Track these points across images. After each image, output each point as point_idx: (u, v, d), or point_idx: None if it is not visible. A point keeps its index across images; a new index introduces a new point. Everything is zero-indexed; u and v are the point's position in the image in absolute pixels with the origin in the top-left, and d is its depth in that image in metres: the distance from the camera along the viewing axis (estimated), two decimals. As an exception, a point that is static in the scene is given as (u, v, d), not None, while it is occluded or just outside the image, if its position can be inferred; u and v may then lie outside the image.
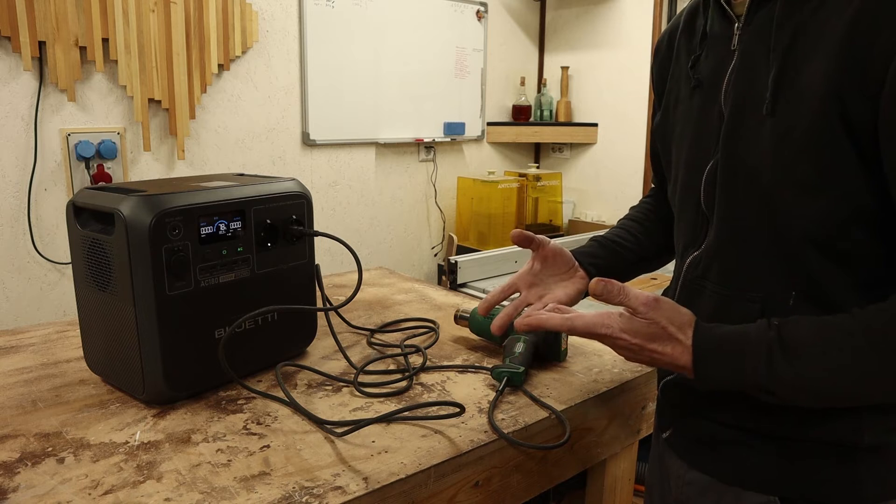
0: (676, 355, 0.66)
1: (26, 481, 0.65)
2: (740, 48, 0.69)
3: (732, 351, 0.64)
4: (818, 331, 0.61)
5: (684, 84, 0.78)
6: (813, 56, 0.61)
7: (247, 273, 0.86)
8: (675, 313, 0.67)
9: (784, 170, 0.63)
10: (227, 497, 0.62)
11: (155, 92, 2.17)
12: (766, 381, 0.62)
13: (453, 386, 0.88)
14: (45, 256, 2.07)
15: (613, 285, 0.68)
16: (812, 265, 0.64)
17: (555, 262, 0.91)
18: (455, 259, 2.01)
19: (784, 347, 0.61)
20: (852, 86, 0.58)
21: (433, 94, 2.97)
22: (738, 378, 0.64)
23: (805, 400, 0.63)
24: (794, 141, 0.62)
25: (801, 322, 0.62)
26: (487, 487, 0.75)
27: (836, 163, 0.60)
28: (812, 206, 0.62)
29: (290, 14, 2.48)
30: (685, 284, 0.77)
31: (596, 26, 3.09)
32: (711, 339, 0.65)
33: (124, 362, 0.81)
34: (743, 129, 0.67)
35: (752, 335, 0.63)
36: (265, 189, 0.88)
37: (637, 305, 0.67)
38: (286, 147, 2.57)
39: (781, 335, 0.62)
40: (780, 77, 0.63)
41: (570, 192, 3.26)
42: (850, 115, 0.58)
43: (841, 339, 0.60)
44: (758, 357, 0.62)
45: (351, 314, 1.18)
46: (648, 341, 0.67)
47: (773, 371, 0.61)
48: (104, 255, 0.79)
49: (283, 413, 0.80)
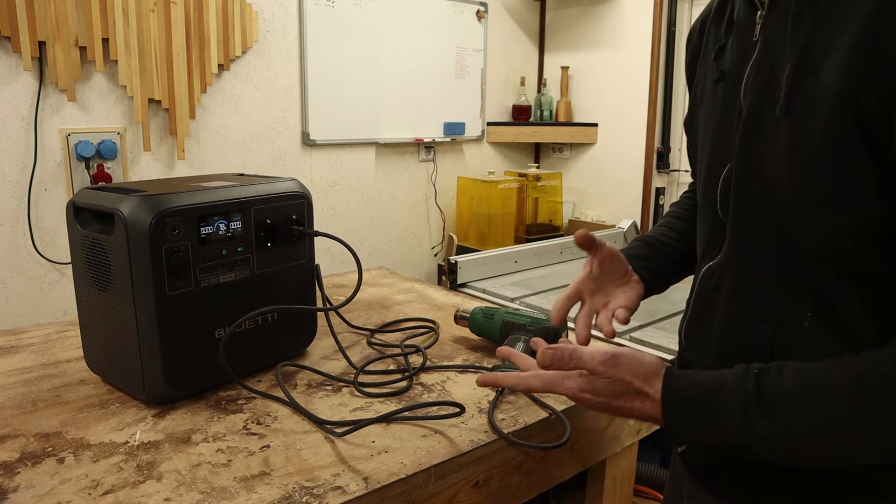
0: (646, 409, 0.63)
1: (26, 481, 0.65)
2: (762, 39, 0.63)
3: (705, 403, 0.59)
4: (802, 382, 0.55)
5: (710, 76, 0.73)
6: (830, 53, 0.55)
7: (247, 273, 0.86)
8: (637, 365, 0.63)
9: (798, 179, 0.58)
10: (227, 497, 0.62)
11: (155, 92, 2.17)
12: (740, 437, 0.57)
13: (453, 386, 0.88)
14: (45, 256, 2.07)
15: (563, 351, 0.65)
16: (825, 284, 0.59)
17: (612, 267, 0.85)
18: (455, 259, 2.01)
19: (762, 401, 0.56)
20: (868, 86, 0.53)
21: (433, 94, 2.97)
22: (711, 432, 0.59)
23: (783, 458, 0.58)
24: (808, 146, 0.57)
25: (785, 371, 0.57)
26: (487, 487, 0.75)
27: (849, 172, 0.55)
28: (823, 220, 0.57)
29: (290, 14, 2.48)
30: (699, 296, 0.73)
31: (596, 26, 3.09)
32: (681, 390, 0.61)
33: (124, 362, 0.81)
34: (760, 132, 0.62)
35: (728, 385, 0.58)
36: (265, 189, 0.88)
37: (594, 366, 0.64)
38: (286, 147, 2.57)
39: (760, 386, 0.57)
40: (796, 74, 0.58)
41: (570, 192, 3.26)
42: (864, 118, 0.53)
43: (827, 395, 0.54)
44: (732, 411, 0.57)
45: (351, 314, 1.18)
46: (613, 399, 0.64)
47: (749, 427, 0.56)
48: (104, 255, 0.79)
49: (283, 413, 0.80)
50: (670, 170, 2.94)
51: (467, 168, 3.22)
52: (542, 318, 0.98)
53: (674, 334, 1.55)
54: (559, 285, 1.94)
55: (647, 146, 2.91)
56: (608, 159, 3.12)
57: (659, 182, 2.96)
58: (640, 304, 0.85)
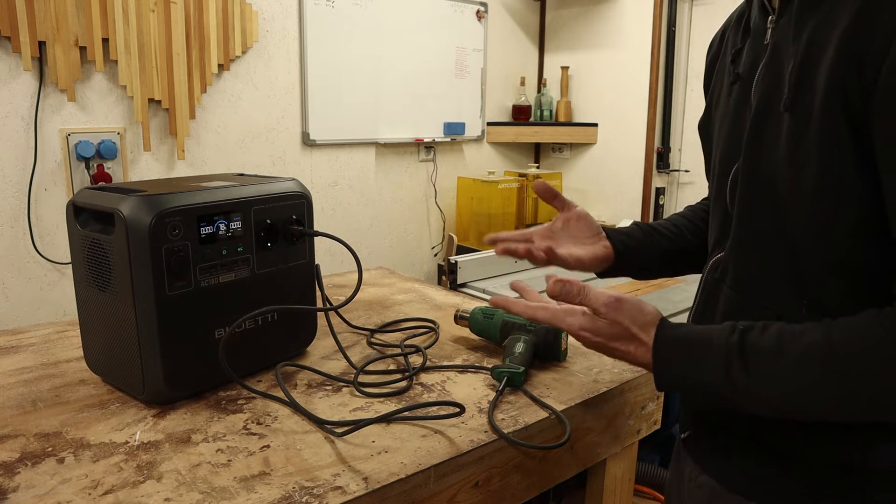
0: (639, 354, 0.67)
1: (26, 481, 0.65)
2: (772, 42, 0.66)
3: (692, 353, 0.63)
4: (780, 341, 0.59)
5: (726, 79, 0.76)
6: (826, 49, 0.58)
7: (247, 273, 0.86)
8: (637, 313, 0.67)
9: (796, 174, 0.61)
10: (227, 497, 0.62)
11: (155, 92, 2.17)
12: (722, 387, 0.61)
13: (453, 386, 0.88)
14: (45, 256, 2.07)
15: (573, 285, 0.68)
16: (820, 277, 0.61)
17: (577, 227, 0.87)
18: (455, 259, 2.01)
19: (743, 355, 0.59)
20: (852, 78, 0.55)
21: (433, 94, 2.97)
22: (695, 381, 0.63)
23: (762, 410, 0.61)
24: (805, 141, 0.59)
25: (769, 329, 0.60)
26: (487, 487, 0.75)
27: (841, 165, 0.57)
28: (817, 214, 0.60)
29: (290, 14, 2.48)
30: (706, 286, 0.76)
31: (596, 26, 3.09)
32: (672, 340, 0.65)
33: (124, 362, 0.81)
34: (765, 129, 0.65)
35: (715, 338, 0.62)
36: (265, 189, 0.88)
37: (598, 306, 0.67)
38: (286, 147, 2.57)
39: (743, 341, 0.60)
40: (800, 70, 0.60)
41: (570, 192, 3.26)
42: (850, 109, 0.56)
43: (801, 353, 0.57)
44: (716, 362, 0.61)
45: (351, 314, 1.18)
46: (610, 340, 0.68)
47: (730, 378, 0.60)
48: (104, 255, 0.79)
49: (283, 413, 0.80)
50: (670, 170, 2.94)
51: (467, 168, 3.22)
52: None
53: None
54: (559, 285, 1.94)
55: (647, 146, 2.91)
56: (608, 159, 3.12)
57: (659, 182, 2.96)
58: (598, 267, 0.86)
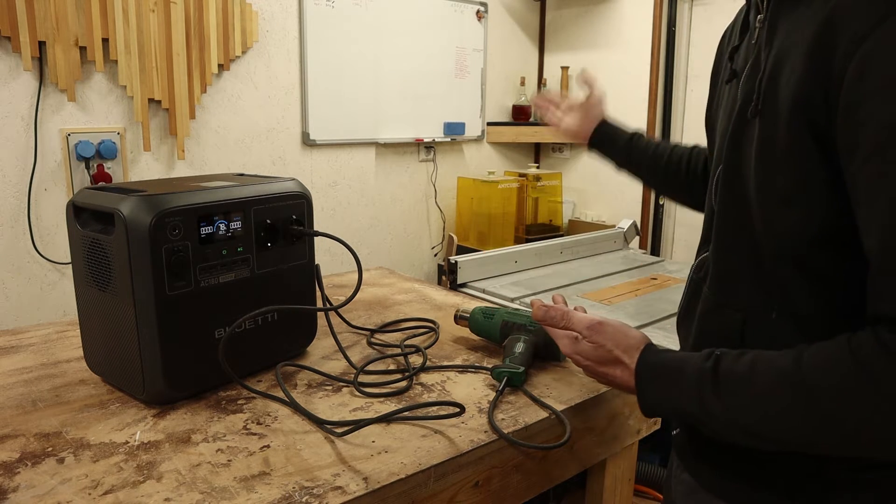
0: (624, 378, 0.67)
1: (26, 481, 0.65)
2: (758, 42, 0.67)
3: (670, 379, 0.64)
4: (753, 368, 0.58)
5: (726, 76, 0.76)
6: (791, 57, 0.59)
7: (247, 273, 0.86)
8: (620, 336, 0.68)
9: (763, 180, 0.61)
10: (227, 497, 0.62)
11: (155, 92, 2.17)
12: (698, 414, 0.61)
13: (453, 386, 0.88)
14: (45, 256, 2.07)
15: (556, 310, 0.69)
16: (789, 282, 0.62)
17: (590, 109, 1.11)
18: (455, 259, 2.01)
19: (716, 382, 0.60)
20: (818, 93, 0.55)
21: (433, 94, 2.97)
22: (673, 407, 0.63)
23: (737, 438, 0.61)
24: (773, 148, 0.60)
25: (743, 356, 0.60)
26: (487, 487, 0.75)
27: (807, 174, 0.58)
28: (786, 220, 0.60)
29: (290, 14, 2.48)
30: (690, 284, 0.77)
31: (596, 26, 3.09)
32: (652, 366, 0.65)
33: (124, 362, 0.81)
34: (743, 134, 0.65)
35: (690, 365, 0.62)
36: (265, 189, 0.88)
37: (581, 329, 0.68)
38: (286, 147, 2.57)
39: (717, 368, 0.60)
40: (770, 78, 0.61)
41: (570, 192, 3.26)
42: (817, 124, 0.56)
43: (770, 381, 0.57)
44: (690, 389, 0.61)
45: (351, 314, 1.18)
46: (598, 364, 0.69)
47: (703, 404, 0.60)
48: (104, 255, 0.79)
49: (283, 413, 0.80)
50: (670, 170, 2.94)
51: (467, 168, 3.22)
52: None
53: (673, 334, 1.55)
54: (559, 285, 1.94)
55: (647, 146, 2.90)
56: (608, 159, 3.11)
57: (659, 182, 2.96)
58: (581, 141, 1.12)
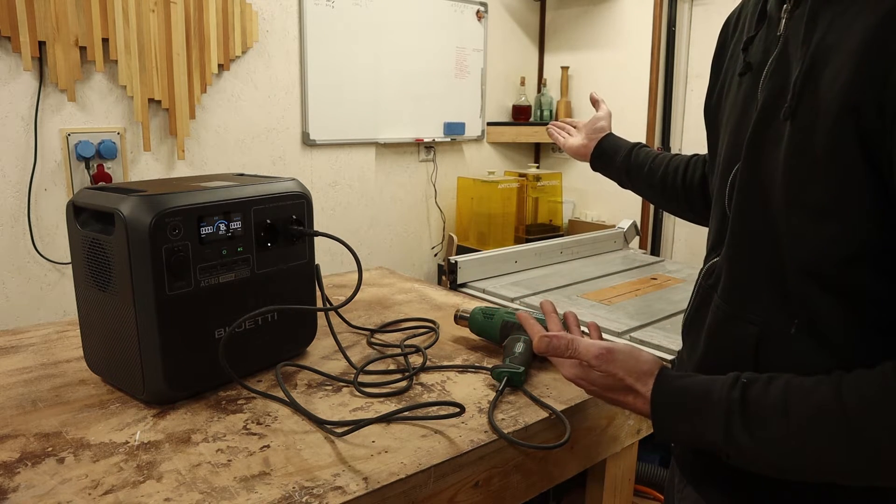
0: (638, 405, 0.64)
1: (26, 481, 0.65)
2: (784, 35, 0.61)
3: (692, 408, 0.60)
4: (786, 399, 0.55)
5: (738, 67, 0.70)
6: (836, 60, 0.54)
7: (247, 273, 0.86)
8: (632, 362, 0.64)
9: (793, 188, 0.57)
10: (227, 497, 0.62)
11: (155, 92, 2.17)
12: (722, 445, 0.58)
13: (453, 386, 0.88)
14: (45, 256, 2.07)
15: (560, 340, 0.65)
16: (812, 297, 0.58)
17: (594, 126, 1.19)
18: (455, 259, 2.01)
19: (745, 412, 0.56)
20: (871, 99, 0.50)
21: (433, 94, 2.97)
22: (696, 436, 0.60)
23: (764, 470, 0.58)
24: (807, 155, 0.55)
25: (773, 384, 0.56)
26: (487, 487, 0.75)
27: (849, 185, 0.53)
28: (817, 234, 0.56)
29: (290, 14, 2.48)
30: (699, 291, 0.73)
31: (596, 26, 3.09)
32: (671, 393, 0.62)
33: (124, 362, 0.81)
34: (767, 135, 0.60)
35: (715, 393, 0.59)
36: (265, 189, 0.88)
37: (589, 359, 0.65)
38: (286, 147, 2.57)
39: (745, 397, 0.57)
40: (805, 78, 0.56)
41: (570, 192, 3.26)
42: (865, 132, 0.51)
43: (809, 415, 0.53)
44: (716, 419, 0.58)
45: (351, 314, 1.18)
46: (606, 391, 0.67)
47: (731, 437, 0.57)
48: (104, 255, 0.79)
49: (283, 413, 0.80)
50: (670, 170, 2.94)
51: (467, 168, 3.21)
52: (542, 319, 0.98)
53: (673, 334, 1.55)
54: (559, 285, 1.94)
55: (647, 146, 2.90)
56: (608, 159, 3.11)
57: (659, 182, 2.95)
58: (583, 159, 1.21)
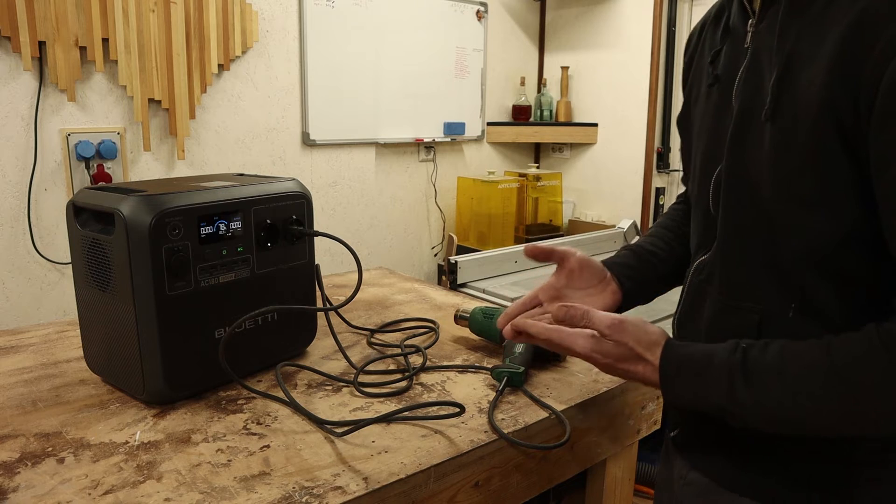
0: (647, 374, 0.68)
1: (26, 481, 0.65)
2: (752, 47, 0.67)
3: (696, 372, 0.64)
4: (783, 358, 0.60)
5: (704, 79, 0.77)
6: (812, 63, 0.59)
7: (247, 273, 0.86)
8: (641, 333, 0.68)
9: (781, 182, 0.62)
10: (227, 497, 0.62)
11: (155, 92, 2.17)
12: (726, 405, 0.62)
13: (453, 386, 0.88)
14: (45, 256, 2.07)
15: (576, 309, 0.69)
16: (808, 281, 0.63)
17: (581, 276, 0.84)
18: (455, 259, 2.01)
19: (746, 373, 0.61)
20: (846, 98, 0.55)
21: (433, 94, 2.97)
22: (701, 399, 0.64)
23: (767, 426, 0.62)
24: (791, 152, 0.60)
25: (770, 347, 0.61)
26: (487, 487, 0.75)
27: (833, 179, 0.58)
28: (808, 223, 0.61)
29: (290, 14, 2.48)
30: (691, 288, 0.77)
31: (596, 26, 3.09)
32: (677, 359, 0.66)
33: (124, 362, 0.81)
34: (748, 136, 0.66)
35: (717, 357, 0.63)
36: (265, 189, 0.88)
37: (602, 328, 0.68)
38: (286, 147, 2.57)
39: (745, 359, 0.61)
40: (781, 81, 0.61)
41: (570, 192, 3.26)
42: (845, 129, 0.56)
43: (803, 371, 0.59)
44: (719, 381, 0.62)
45: (351, 314, 1.18)
46: (618, 361, 0.69)
47: (734, 396, 0.61)
48: (104, 255, 0.79)
49: (283, 413, 0.80)
50: (670, 170, 2.94)
51: (467, 168, 3.21)
52: None
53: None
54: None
55: (646, 146, 2.91)
56: (608, 159, 3.11)
57: (659, 182, 2.96)
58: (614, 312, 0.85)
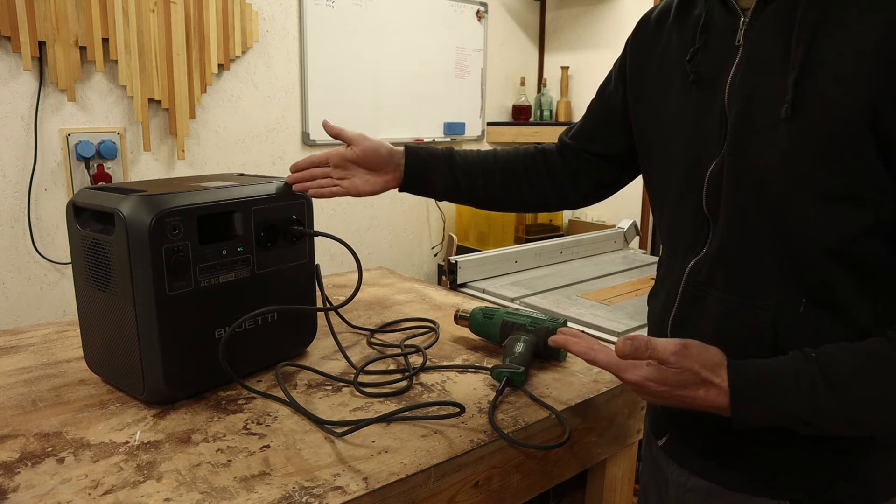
0: (711, 398, 0.64)
1: (26, 481, 0.65)
2: (746, 44, 0.67)
3: (772, 388, 0.62)
4: (858, 360, 0.60)
5: (679, 76, 0.75)
6: (840, 59, 0.58)
7: (247, 273, 0.86)
8: (707, 356, 0.65)
9: (799, 177, 0.61)
10: (227, 497, 0.62)
11: (155, 92, 2.17)
12: (808, 415, 0.61)
13: (453, 386, 0.88)
14: (45, 256, 2.07)
15: (639, 341, 0.65)
16: (825, 273, 0.63)
17: (371, 159, 0.92)
18: (455, 259, 2.01)
19: (829, 381, 0.60)
20: (886, 96, 0.56)
21: (433, 94, 2.97)
22: (779, 414, 0.62)
23: (847, 430, 0.63)
24: (813, 148, 0.60)
25: (839, 352, 0.61)
26: (487, 487, 0.75)
27: (862, 173, 0.59)
28: (829, 215, 0.61)
29: (290, 14, 2.48)
30: (687, 290, 0.75)
31: (596, 26, 3.09)
32: (748, 379, 0.64)
33: (124, 362, 0.81)
34: (753, 132, 0.65)
35: (791, 369, 0.62)
36: (265, 189, 0.88)
37: (667, 357, 0.65)
38: (286, 147, 2.57)
39: (822, 368, 0.61)
40: (802, 80, 0.61)
41: (570, 192, 3.26)
42: (882, 126, 0.57)
43: (885, 367, 0.59)
44: (799, 391, 0.61)
45: (351, 314, 1.18)
46: (677, 388, 0.65)
47: (817, 405, 0.60)
48: (104, 255, 0.79)
49: (283, 413, 0.80)
50: (670, 170, 2.94)
51: (467, 168, 3.21)
52: (542, 318, 0.98)
53: (674, 334, 1.54)
54: (559, 285, 1.94)
55: (647, 146, 2.90)
56: (608, 159, 3.11)
57: (659, 182, 2.96)
58: (382, 192, 0.94)
